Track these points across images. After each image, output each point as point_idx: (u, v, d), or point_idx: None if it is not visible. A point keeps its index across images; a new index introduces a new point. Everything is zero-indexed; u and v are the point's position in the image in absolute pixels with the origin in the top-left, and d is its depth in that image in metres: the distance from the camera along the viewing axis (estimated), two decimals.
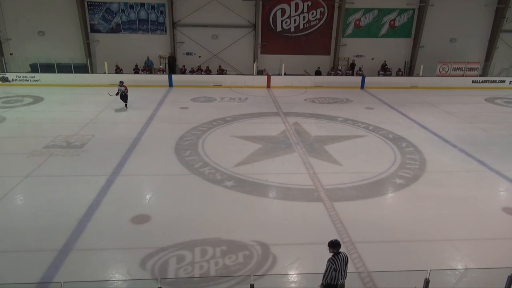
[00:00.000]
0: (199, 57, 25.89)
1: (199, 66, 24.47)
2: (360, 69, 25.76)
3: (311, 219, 8.44)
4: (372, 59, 26.80)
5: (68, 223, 7.94)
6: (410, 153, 12.46)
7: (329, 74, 25.54)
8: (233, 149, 12.49)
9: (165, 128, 14.73)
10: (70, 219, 8.10)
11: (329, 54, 26.94)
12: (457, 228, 8.18)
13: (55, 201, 9.02)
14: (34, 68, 23.11)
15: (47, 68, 22.49)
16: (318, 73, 25.21)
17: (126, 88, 17.04)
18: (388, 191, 9.96)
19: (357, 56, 26.86)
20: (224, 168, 10.91)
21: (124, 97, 17.10)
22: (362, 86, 23.63)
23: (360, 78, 23.97)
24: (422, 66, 24.26)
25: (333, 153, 12.30)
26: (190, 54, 26.03)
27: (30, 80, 21.89)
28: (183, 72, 24.35)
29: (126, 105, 17.28)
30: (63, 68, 22.43)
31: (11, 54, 24.89)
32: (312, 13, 25.89)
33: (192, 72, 24.07)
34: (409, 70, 27.14)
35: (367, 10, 26.03)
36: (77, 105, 17.94)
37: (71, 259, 6.89)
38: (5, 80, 21.69)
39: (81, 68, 23.03)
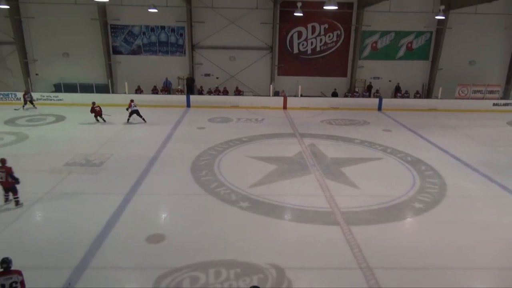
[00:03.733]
0: (217, 78, 26.31)
1: (217, 87, 24.84)
2: (377, 91, 25.68)
3: (327, 242, 8.28)
4: (390, 81, 26.72)
5: (85, 241, 8.00)
6: (429, 177, 12.20)
7: (345, 96, 25.55)
8: (248, 170, 12.49)
9: (182, 147, 14.87)
10: (87, 237, 8.16)
11: (345, 76, 27.01)
12: (479, 256, 7.88)
13: (73, 218, 9.13)
14: (57, 88, 23.87)
15: (70, 88, 23.22)
16: (334, 94, 25.25)
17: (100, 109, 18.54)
18: (407, 216, 9.73)
19: (374, 78, 26.83)
20: (239, 188, 10.89)
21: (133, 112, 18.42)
22: (380, 108, 23.49)
23: (377, 100, 23.86)
24: (440, 88, 24.02)
25: (350, 175, 12.15)
26: (208, 75, 26.50)
27: (54, 100, 22.57)
28: (200, 93, 24.75)
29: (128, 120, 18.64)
30: (85, 88, 23.11)
31: (36, 74, 25.85)
32: (329, 36, 26.15)
33: (209, 93, 24.43)
34: (427, 92, 26.91)
35: (384, 33, 26.15)
36: (97, 124, 18.35)
37: (86, 277, 6.91)
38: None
39: (102, 88, 23.68)
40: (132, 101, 18.74)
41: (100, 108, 18.70)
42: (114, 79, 25.75)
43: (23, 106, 20.80)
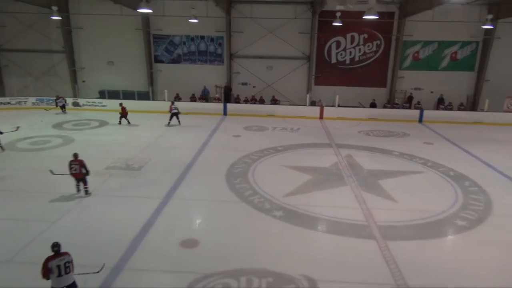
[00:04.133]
0: (254, 87, 26.54)
1: (253, 96, 25.05)
2: (418, 103, 24.87)
3: (362, 256, 8.04)
4: (431, 92, 25.83)
5: (122, 242, 8.24)
6: (473, 193, 11.58)
7: (385, 107, 24.94)
8: (283, 179, 12.42)
9: (217, 155, 15.06)
10: (124, 238, 8.40)
11: (385, 86, 26.41)
12: None
13: (112, 219, 9.46)
14: (102, 94, 25.02)
15: (114, 94, 24.26)
16: (373, 105, 24.72)
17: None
18: (448, 233, 9.27)
19: (415, 89, 26.04)
20: (273, 197, 10.84)
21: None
22: (420, 120, 22.70)
23: (418, 111, 23.08)
24: (487, 101, 22.89)
25: (387, 188, 11.78)
26: (245, 84, 26.79)
27: (98, 105, 23.64)
28: (237, 101, 25.05)
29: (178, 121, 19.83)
30: (128, 95, 24.12)
31: (83, 81, 27.27)
32: (368, 46, 25.73)
33: (246, 101, 24.67)
34: (472, 104, 25.74)
35: (427, 43, 25.38)
36: (137, 130, 18.99)
37: (122, 278, 7.10)
38: (77, 105, 23.65)
39: (143, 95, 24.57)
40: (172, 103, 19.98)
41: (126, 111, 19.93)
42: (154, 86, 26.63)
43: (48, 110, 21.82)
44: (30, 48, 26.61)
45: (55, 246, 6.15)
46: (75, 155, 10.73)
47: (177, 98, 24.51)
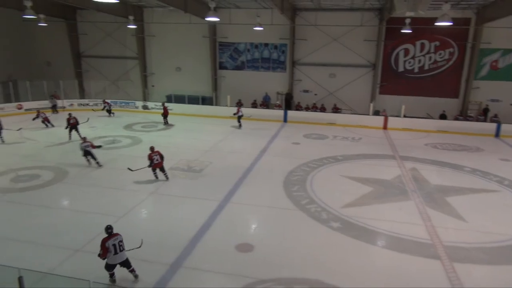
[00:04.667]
0: (315, 94, 26.28)
1: (314, 104, 24.78)
2: (495, 116, 22.91)
3: (424, 277, 7.53)
4: (511, 104, 23.66)
5: (180, 241, 8.56)
6: None
7: (456, 119, 23.30)
8: (342, 189, 12.09)
9: (276, 161, 15.08)
10: (182, 237, 8.72)
11: (457, 97, 24.70)
12: None
13: (172, 218, 9.89)
14: (169, 99, 26.34)
15: (180, 99, 25.44)
16: (443, 117, 23.22)
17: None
18: None
19: (492, 100, 24.02)
20: (331, 208, 10.59)
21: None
22: (497, 135, 20.85)
23: (494, 125, 21.22)
24: None
25: (456, 206, 10.95)
26: (307, 91, 26.62)
27: None
28: (298, 108, 24.95)
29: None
30: (192, 100, 25.14)
31: (152, 86, 29.02)
32: (440, 54, 24.30)
33: (307, 109, 24.48)
34: None
35: (507, 51, 23.34)
36: (200, 133, 19.67)
37: (180, 275, 7.36)
38: (146, 108, 25.14)
39: (207, 101, 25.47)
40: (239, 106, 21.05)
41: (167, 110, 21.50)
42: (218, 92, 27.48)
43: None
44: (107, 55, 28.98)
45: (109, 228, 7.01)
46: (152, 148, 12.45)
47: (239, 104, 25.02)
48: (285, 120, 23.29)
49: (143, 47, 28.29)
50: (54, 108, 23.57)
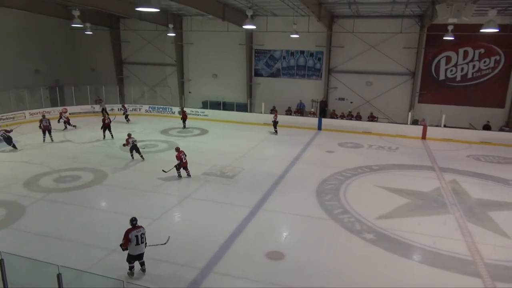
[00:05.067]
0: (351, 102, 25.84)
1: (350, 112, 24.38)
2: None
3: None
4: None
5: (212, 246, 8.65)
6: None
7: (501, 130, 22.09)
8: (377, 200, 11.77)
9: (309, 169, 14.94)
10: (214, 242, 8.81)
11: (503, 107, 23.45)
12: None
13: (204, 223, 10.00)
14: (204, 105, 26.85)
15: (215, 105, 25.86)
16: (487, 127, 22.10)
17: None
18: None
19: None
20: (364, 218, 10.33)
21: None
22: None
23: None
24: None
25: (500, 222, 10.36)
26: (342, 99, 26.25)
27: (200, 115, 25.36)
28: (333, 116, 24.63)
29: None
30: (227, 106, 25.49)
31: (189, 92, 29.68)
32: (484, 61, 23.23)
33: (342, 117, 24.13)
34: None
35: None
36: (234, 139, 19.86)
37: (210, 280, 7.42)
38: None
39: (241, 107, 25.69)
40: (275, 112, 21.90)
41: (186, 114, 22.36)
42: (253, 99, 27.67)
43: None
44: (147, 61, 30.02)
45: (134, 220, 7.49)
46: (178, 148, 13.38)
47: (274, 111, 25.05)
48: (319, 128, 23.05)
49: (181, 54, 29.06)
50: (103, 112, 24.26)
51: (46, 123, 17.92)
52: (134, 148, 15.29)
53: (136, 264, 7.52)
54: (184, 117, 22.43)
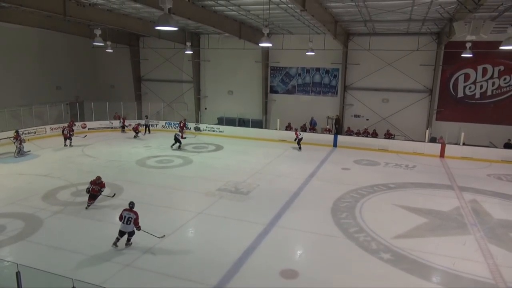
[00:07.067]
0: (367, 119, 25.66)
1: (366, 129, 24.19)
2: None
3: None
4: None
5: (225, 262, 8.57)
6: None
7: None
8: (393, 219, 11.52)
9: (324, 186, 14.79)
10: (227, 259, 8.73)
11: None
12: None
13: (218, 239, 9.93)
14: (220, 121, 27.05)
15: (230, 121, 26.04)
16: (508, 146, 21.54)
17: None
18: None
19: None
20: (381, 238, 10.11)
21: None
22: None
23: None
24: None
25: None
26: (358, 116, 26.09)
27: (216, 131, 25.55)
28: (349, 133, 24.45)
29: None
30: (243, 122, 25.64)
31: (205, 108, 30.02)
32: (505, 79, 22.83)
33: (357, 134, 23.94)
34: None
35: None
36: (249, 155, 19.87)
37: None
38: (198, 129, 25.98)
39: (257, 123, 25.78)
40: (296, 130, 22.26)
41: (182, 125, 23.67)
42: (268, 115, 27.77)
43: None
44: (165, 78, 30.63)
45: (131, 204, 9.23)
46: (98, 179, 11.85)
47: (289, 127, 25.06)
48: (335, 145, 22.89)
49: (198, 71, 29.54)
50: (123, 129, 25.09)
51: (66, 131, 20.60)
52: (177, 140, 19.82)
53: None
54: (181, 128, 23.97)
